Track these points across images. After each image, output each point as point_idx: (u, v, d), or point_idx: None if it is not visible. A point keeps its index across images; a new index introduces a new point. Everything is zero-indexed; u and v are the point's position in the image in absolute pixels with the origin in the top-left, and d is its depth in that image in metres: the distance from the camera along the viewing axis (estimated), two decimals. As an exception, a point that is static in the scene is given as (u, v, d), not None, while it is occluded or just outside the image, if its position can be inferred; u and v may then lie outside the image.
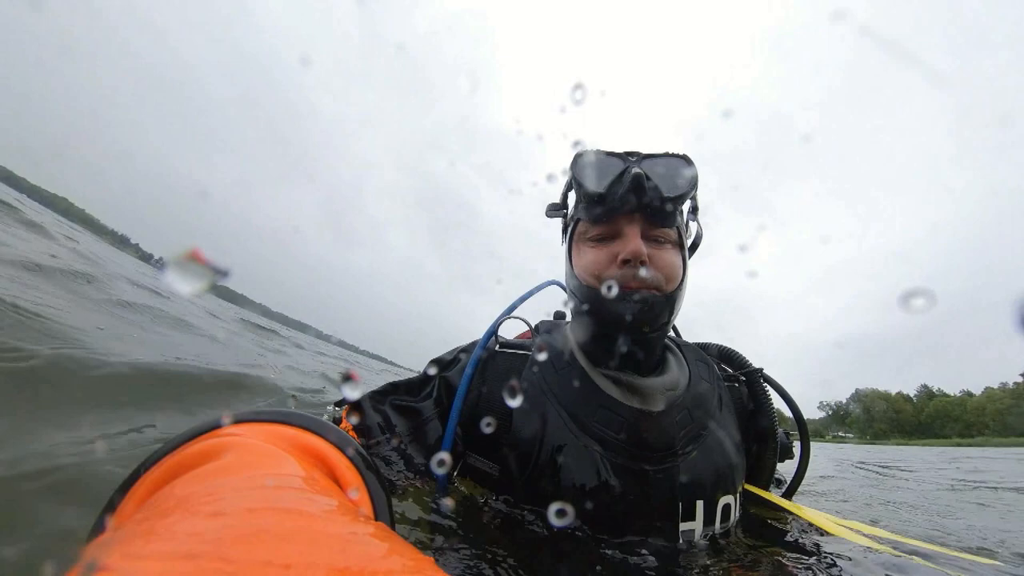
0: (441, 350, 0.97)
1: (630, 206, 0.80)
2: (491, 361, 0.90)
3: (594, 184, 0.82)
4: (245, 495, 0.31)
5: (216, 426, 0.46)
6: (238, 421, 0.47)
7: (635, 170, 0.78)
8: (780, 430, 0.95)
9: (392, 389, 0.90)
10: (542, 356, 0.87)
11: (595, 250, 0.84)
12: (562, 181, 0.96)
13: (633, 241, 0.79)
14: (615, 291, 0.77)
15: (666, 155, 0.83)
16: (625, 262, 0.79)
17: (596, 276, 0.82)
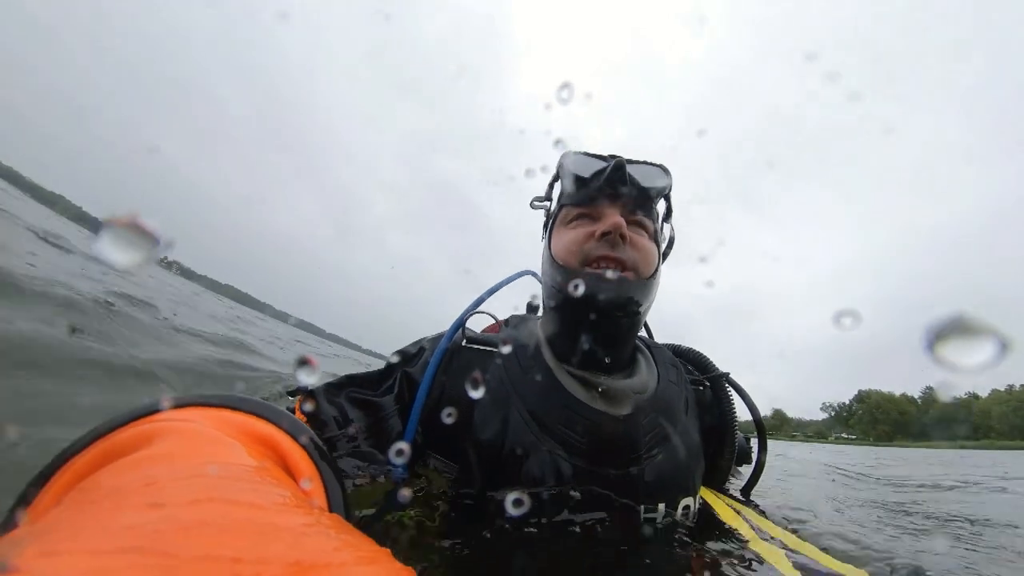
0: None
1: (612, 190, 0.84)
2: (456, 356, 0.88)
3: (580, 171, 0.87)
4: (187, 484, 0.28)
5: (154, 410, 0.42)
6: (180, 405, 0.43)
7: (618, 160, 0.84)
8: (740, 435, 0.97)
9: (349, 382, 0.87)
10: (506, 349, 0.85)
11: (574, 230, 0.85)
12: (542, 177, 1.00)
13: (613, 217, 0.81)
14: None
15: (646, 162, 0.90)
16: (604, 235, 0.80)
17: (573, 253, 0.83)
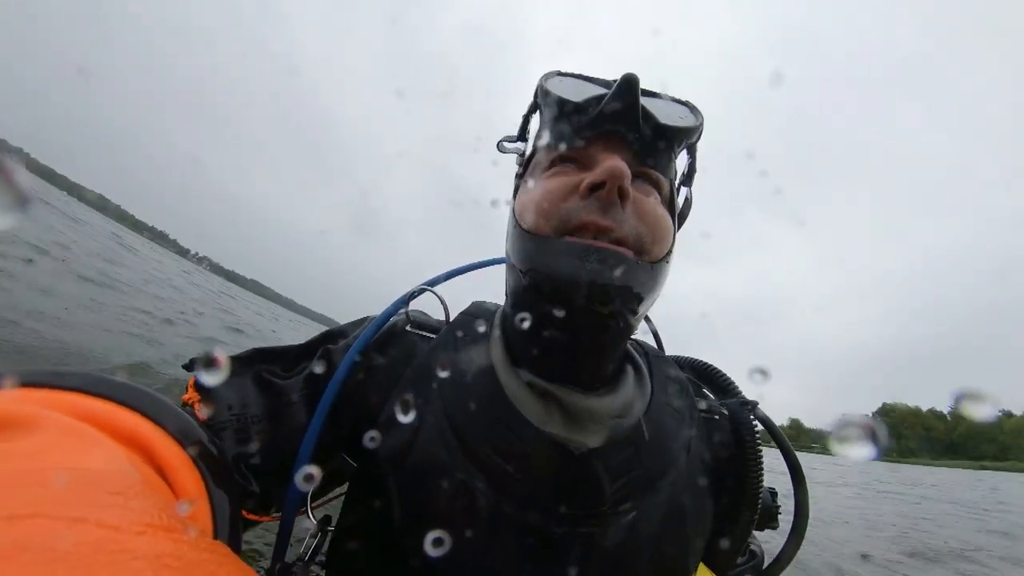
0: None
1: (614, 125, 0.58)
2: (393, 340, 0.70)
3: (569, 94, 0.61)
4: (11, 494, 0.21)
5: None
6: (27, 383, 0.33)
7: (628, 75, 0.56)
8: (765, 489, 0.70)
9: (260, 356, 0.68)
10: (444, 374, 0.63)
11: (550, 180, 0.60)
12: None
13: (611, 160, 0.54)
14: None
15: (667, 96, 0.66)
16: (595, 188, 0.54)
17: (545, 213, 0.57)
